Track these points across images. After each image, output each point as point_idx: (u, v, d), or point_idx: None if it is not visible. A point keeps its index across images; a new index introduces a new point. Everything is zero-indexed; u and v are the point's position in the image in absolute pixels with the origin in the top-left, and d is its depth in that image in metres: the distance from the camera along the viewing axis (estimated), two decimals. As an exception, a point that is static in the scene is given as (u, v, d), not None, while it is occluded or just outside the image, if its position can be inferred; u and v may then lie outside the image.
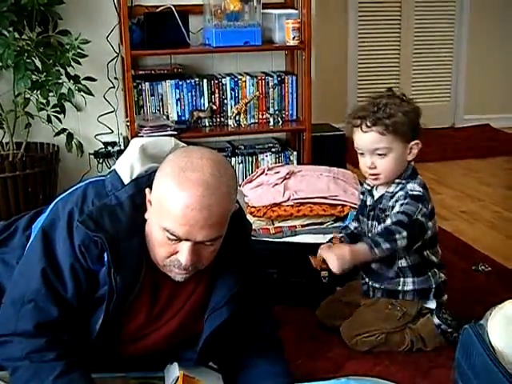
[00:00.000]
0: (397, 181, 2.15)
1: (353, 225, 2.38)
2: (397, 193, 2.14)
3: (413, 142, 2.11)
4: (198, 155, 1.51)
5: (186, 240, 1.50)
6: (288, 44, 3.52)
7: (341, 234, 2.37)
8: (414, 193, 2.11)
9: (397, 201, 2.11)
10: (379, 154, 2.10)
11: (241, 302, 1.71)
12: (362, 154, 2.14)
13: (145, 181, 1.59)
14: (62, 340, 1.54)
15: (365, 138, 2.10)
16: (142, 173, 1.61)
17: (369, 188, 2.27)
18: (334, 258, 1.99)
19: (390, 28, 5.48)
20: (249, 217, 2.68)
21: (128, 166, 1.62)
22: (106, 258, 1.54)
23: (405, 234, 2.01)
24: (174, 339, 1.75)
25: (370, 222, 2.23)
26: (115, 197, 1.58)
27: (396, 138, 2.08)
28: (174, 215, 1.47)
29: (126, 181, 1.60)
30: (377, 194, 2.22)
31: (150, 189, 1.56)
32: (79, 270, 1.55)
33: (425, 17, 5.51)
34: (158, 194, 1.51)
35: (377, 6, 5.40)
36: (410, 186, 2.13)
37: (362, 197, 2.33)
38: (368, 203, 2.26)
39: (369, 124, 2.07)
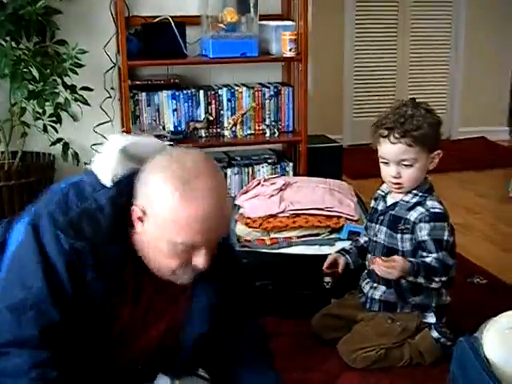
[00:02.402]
0: (414, 191, 2.18)
1: (363, 238, 2.39)
2: (415, 206, 2.16)
3: (435, 152, 2.15)
4: (190, 161, 1.49)
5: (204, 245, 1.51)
6: (285, 55, 3.53)
7: (350, 246, 2.39)
8: (436, 210, 2.15)
9: (420, 220, 2.13)
10: (405, 165, 2.12)
11: (223, 311, 1.70)
12: (386, 163, 2.16)
13: (126, 183, 1.54)
14: (62, 354, 1.50)
15: (392, 149, 2.12)
16: (123, 174, 1.56)
17: (383, 194, 2.29)
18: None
19: (386, 40, 5.51)
20: (244, 227, 2.69)
21: (107, 167, 1.56)
22: (89, 264, 1.51)
23: (444, 279, 2.11)
24: (162, 344, 1.73)
25: (377, 226, 2.25)
26: (95, 200, 1.53)
27: (422, 149, 2.11)
28: (191, 228, 1.46)
29: (105, 182, 1.55)
30: (390, 200, 2.24)
31: (130, 198, 1.52)
32: (74, 270, 1.51)
33: (421, 29, 5.55)
34: (164, 211, 1.46)
35: (373, 19, 5.43)
36: (429, 203, 2.16)
37: (373, 203, 2.34)
38: (379, 208, 2.27)
39: (397, 136, 2.09)
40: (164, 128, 3.56)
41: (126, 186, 1.54)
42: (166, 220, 1.47)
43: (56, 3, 3.31)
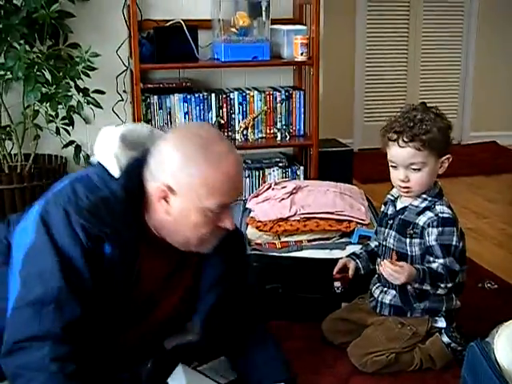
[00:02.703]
0: (423, 196, 2.18)
1: (374, 243, 2.40)
2: (424, 210, 2.16)
3: (444, 157, 2.15)
4: (201, 130, 1.60)
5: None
6: (296, 60, 3.54)
7: (360, 250, 2.39)
8: (445, 215, 2.14)
9: (429, 225, 2.14)
10: (414, 169, 2.13)
11: (230, 282, 1.79)
12: (394, 166, 2.17)
13: (132, 170, 1.60)
14: (83, 347, 1.52)
15: (401, 153, 2.12)
16: (129, 161, 1.61)
17: (392, 198, 2.29)
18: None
19: (397, 45, 5.51)
20: (255, 231, 2.69)
21: (112, 157, 1.62)
22: (107, 249, 1.55)
23: (450, 285, 2.11)
24: (175, 315, 1.78)
25: (386, 231, 2.25)
26: (108, 188, 1.57)
27: (431, 153, 2.11)
28: (220, 190, 1.55)
29: (113, 171, 1.60)
30: (400, 205, 2.24)
31: (140, 184, 1.58)
32: (91, 259, 1.54)
33: (432, 34, 5.54)
34: (193, 179, 1.54)
35: (385, 23, 5.43)
36: (438, 207, 2.16)
37: (383, 208, 2.34)
38: (389, 212, 2.28)
39: (406, 139, 2.09)
40: (175, 131, 3.57)
41: (133, 173, 1.60)
42: (195, 188, 1.54)
43: (69, 7, 3.34)
